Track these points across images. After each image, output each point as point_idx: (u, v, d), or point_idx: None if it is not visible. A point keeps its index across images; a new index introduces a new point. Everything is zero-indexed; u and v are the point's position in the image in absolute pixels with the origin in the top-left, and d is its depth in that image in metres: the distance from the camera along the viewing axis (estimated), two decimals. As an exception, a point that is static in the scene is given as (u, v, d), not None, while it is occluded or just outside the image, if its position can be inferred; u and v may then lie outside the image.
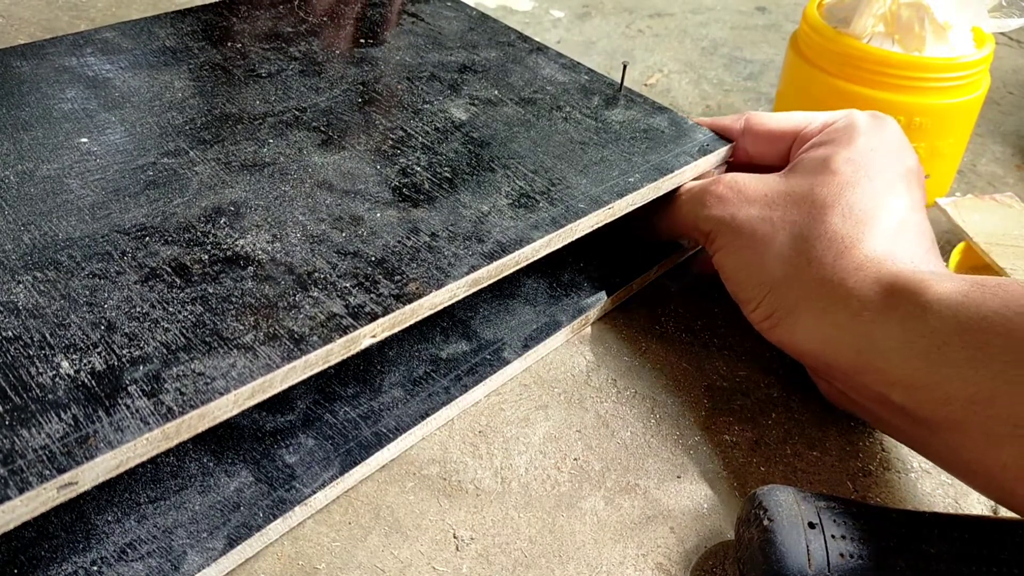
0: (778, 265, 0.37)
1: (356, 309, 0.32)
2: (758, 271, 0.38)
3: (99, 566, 0.30)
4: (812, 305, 0.36)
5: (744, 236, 0.39)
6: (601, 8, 0.83)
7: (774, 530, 0.31)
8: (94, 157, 0.38)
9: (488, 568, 0.33)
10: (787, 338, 0.37)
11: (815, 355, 0.36)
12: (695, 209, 0.41)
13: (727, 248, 0.40)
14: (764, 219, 0.38)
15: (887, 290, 0.34)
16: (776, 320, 0.38)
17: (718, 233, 0.40)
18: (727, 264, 0.40)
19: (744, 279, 0.39)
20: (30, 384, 0.27)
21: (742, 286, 0.39)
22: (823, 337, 0.36)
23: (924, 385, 0.32)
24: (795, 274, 0.37)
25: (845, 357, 0.35)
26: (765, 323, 0.38)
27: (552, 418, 0.40)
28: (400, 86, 0.47)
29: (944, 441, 0.32)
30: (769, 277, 0.38)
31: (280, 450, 0.35)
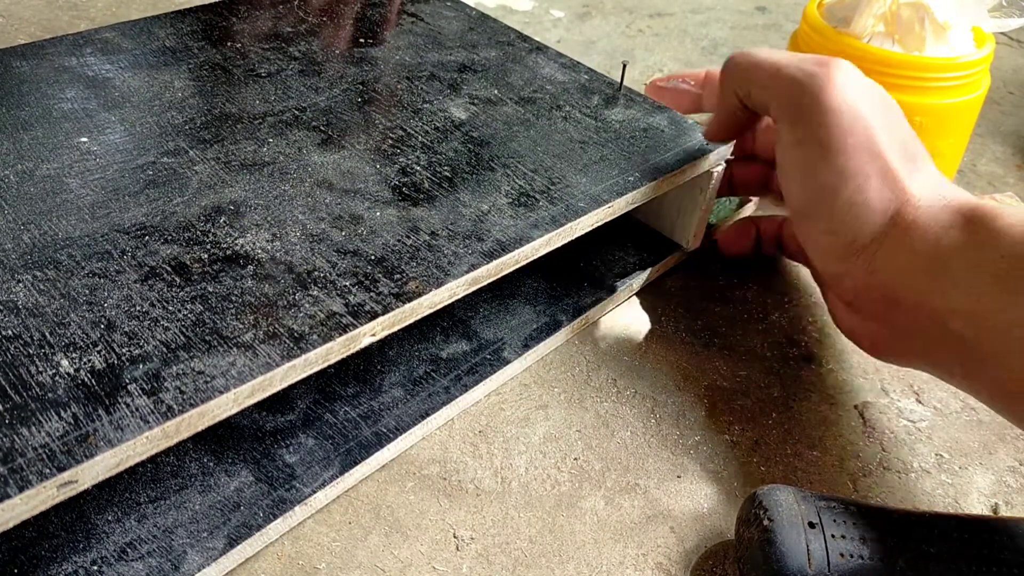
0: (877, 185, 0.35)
1: (356, 308, 0.32)
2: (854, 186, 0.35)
3: (99, 565, 0.30)
4: (895, 234, 0.35)
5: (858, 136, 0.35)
6: (601, 8, 0.83)
7: (774, 530, 0.31)
8: (94, 157, 0.38)
9: (488, 568, 0.33)
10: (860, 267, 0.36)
11: (883, 284, 0.35)
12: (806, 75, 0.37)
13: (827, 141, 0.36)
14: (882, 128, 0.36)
15: (965, 217, 0.34)
16: (855, 249, 0.36)
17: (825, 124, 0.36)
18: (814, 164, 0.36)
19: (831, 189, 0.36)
20: (30, 383, 0.27)
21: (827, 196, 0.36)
22: (898, 266, 0.35)
23: (989, 311, 0.32)
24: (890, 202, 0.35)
25: (916, 283, 0.34)
26: (840, 248, 0.36)
27: (552, 418, 0.39)
28: (400, 86, 0.47)
29: (994, 372, 0.33)
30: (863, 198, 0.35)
31: (280, 450, 0.35)
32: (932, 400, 0.42)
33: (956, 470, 0.39)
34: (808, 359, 0.44)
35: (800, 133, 0.37)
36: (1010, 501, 0.37)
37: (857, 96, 0.36)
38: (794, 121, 0.37)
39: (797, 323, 0.46)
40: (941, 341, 0.34)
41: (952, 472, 0.38)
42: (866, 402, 0.42)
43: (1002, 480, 0.38)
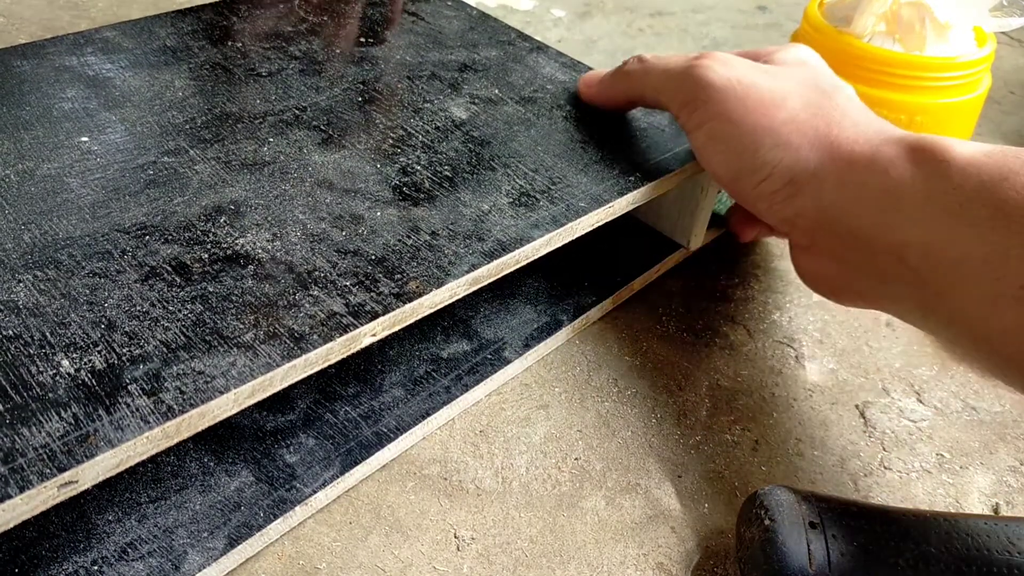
0: (794, 129, 0.36)
1: (356, 308, 0.32)
2: (771, 135, 0.36)
3: (100, 565, 0.30)
4: (836, 167, 0.35)
5: (751, 99, 0.37)
6: (602, 7, 0.83)
7: (775, 530, 0.31)
8: (94, 156, 0.38)
9: (489, 568, 0.33)
10: (808, 203, 0.36)
11: (835, 220, 0.35)
12: (682, 73, 0.39)
13: (727, 114, 0.37)
14: (773, 87, 0.37)
15: (912, 149, 0.33)
16: (797, 186, 0.36)
17: (715, 99, 0.38)
18: (728, 132, 0.37)
19: (751, 146, 0.37)
20: (30, 383, 0.27)
21: (748, 155, 0.37)
22: (847, 198, 0.35)
23: (942, 244, 0.32)
24: (815, 137, 0.36)
25: (868, 217, 0.34)
26: (781, 192, 0.37)
27: (553, 418, 0.39)
28: (400, 85, 0.47)
29: (949, 306, 0.32)
30: (784, 140, 0.36)
31: (281, 450, 0.35)
32: (933, 400, 0.42)
33: (957, 470, 0.39)
34: (809, 359, 0.44)
35: (699, 115, 0.39)
36: (1011, 501, 0.37)
37: (733, 68, 0.38)
38: (690, 107, 0.39)
39: (798, 323, 0.46)
40: (897, 276, 0.34)
41: (953, 472, 0.38)
42: (867, 402, 0.41)
43: (1003, 480, 0.38)
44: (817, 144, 0.36)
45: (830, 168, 0.35)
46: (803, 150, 0.36)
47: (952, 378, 0.43)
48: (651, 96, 0.42)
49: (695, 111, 0.39)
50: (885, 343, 0.45)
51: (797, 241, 0.38)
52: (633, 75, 0.43)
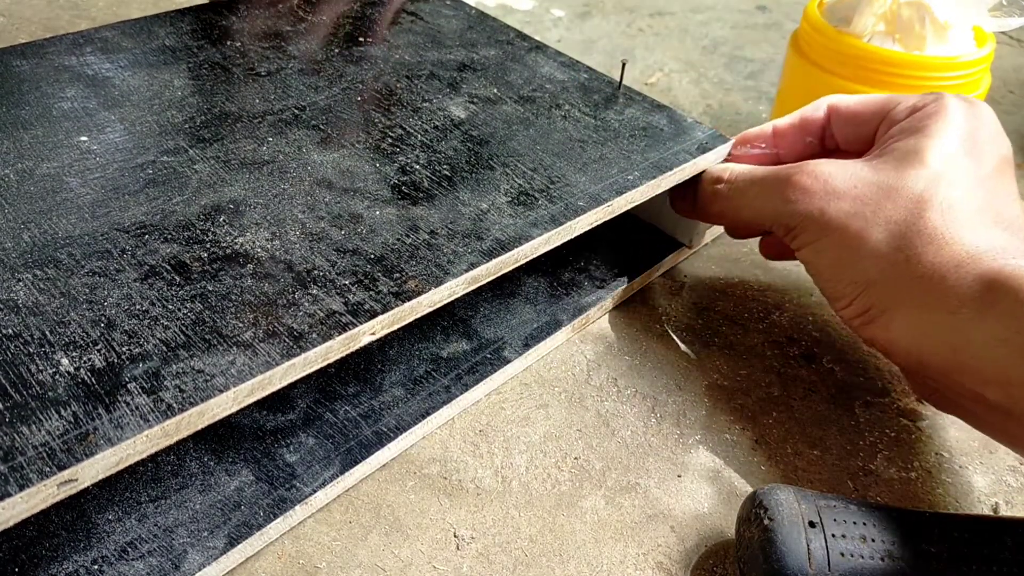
0: (873, 263, 0.36)
1: (355, 306, 0.32)
2: (851, 269, 0.37)
3: (100, 565, 0.30)
4: (909, 302, 0.35)
5: (834, 232, 0.37)
6: (601, 7, 0.83)
7: (775, 529, 0.31)
8: (94, 155, 0.38)
9: (489, 567, 0.33)
10: (881, 335, 0.36)
11: (909, 353, 0.35)
12: (776, 203, 0.39)
13: (815, 245, 0.38)
14: (856, 214, 0.37)
15: (987, 287, 0.33)
16: (870, 317, 0.36)
17: (803, 229, 0.38)
18: (815, 261, 0.39)
19: (835, 276, 0.38)
20: (30, 381, 0.27)
21: (832, 283, 0.38)
22: (919, 335, 0.35)
23: (1020, 381, 0.31)
24: (891, 271, 0.35)
25: (940, 355, 0.34)
26: (857, 320, 0.37)
27: (553, 417, 0.39)
28: (399, 84, 0.47)
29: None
30: (863, 275, 0.36)
31: (281, 449, 0.35)
32: (933, 399, 0.42)
33: (956, 469, 0.38)
34: (808, 358, 0.44)
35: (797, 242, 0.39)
36: (1010, 501, 0.37)
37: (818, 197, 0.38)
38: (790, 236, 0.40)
39: (797, 322, 0.46)
40: (978, 405, 0.34)
41: (952, 472, 0.38)
42: (866, 401, 0.41)
43: (1002, 480, 0.38)
44: (894, 279, 0.35)
45: (905, 301, 0.35)
46: (879, 284, 0.36)
47: (952, 377, 0.43)
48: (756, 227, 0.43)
49: (795, 238, 0.39)
50: (885, 342, 0.45)
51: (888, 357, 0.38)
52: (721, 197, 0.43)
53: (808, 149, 0.44)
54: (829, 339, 0.45)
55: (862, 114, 0.42)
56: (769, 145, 0.45)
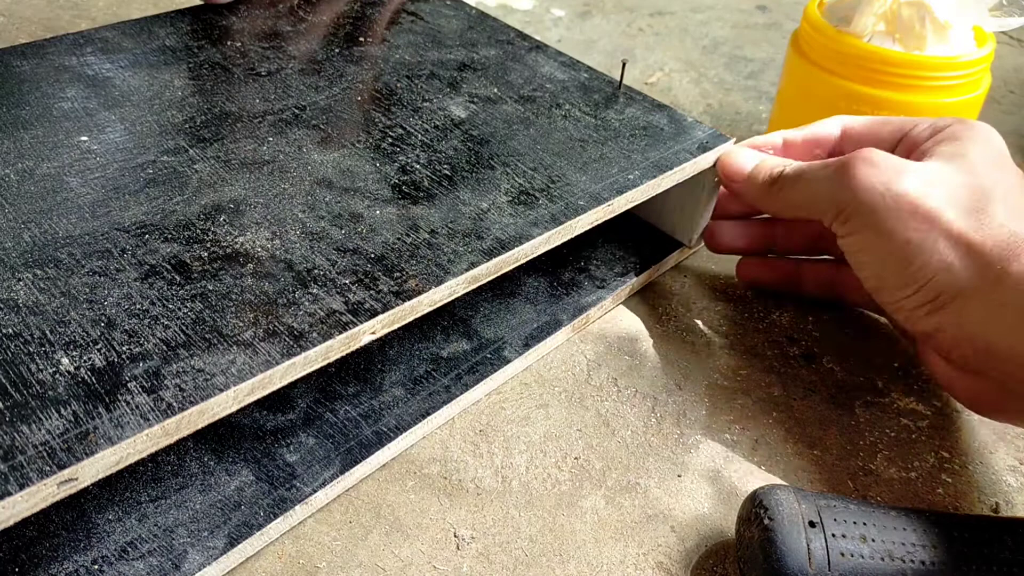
0: (946, 245, 0.35)
1: (356, 306, 0.32)
2: (922, 252, 0.35)
3: (100, 565, 0.30)
4: (984, 284, 0.34)
5: (903, 211, 0.35)
6: (602, 7, 0.83)
7: (775, 529, 0.31)
8: (94, 155, 0.38)
9: (489, 567, 0.33)
10: (951, 321, 0.35)
11: (977, 339, 0.35)
12: (832, 186, 0.38)
13: (877, 226, 0.36)
14: (928, 194, 0.35)
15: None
16: (940, 303, 0.35)
17: (864, 211, 0.36)
18: (878, 245, 0.36)
19: (902, 260, 0.36)
20: (30, 380, 0.27)
21: (898, 269, 0.36)
22: (990, 316, 0.34)
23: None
24: (967, 252, 0.34)
25: (1011, 336, 0.33)
26: (924, 308, 0.36)
27: (553, 417, 0.39)
28: (399, 84, 0.47)
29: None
30: (937, 258, 0.35)
31: (281, 449, 0.35)
32: (933, 399, 0.42)
33: (956, 469, 0.38)
34: (808, 358, 0.44)
35: (850, 226, 0.37)
36: (1010, 500, 0.37)
37: (883, 173, 0.36)
38: (841, 218, 0.38)
39: (797, 322, 0.46)
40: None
41: (952, 471, 0.38)
42: (867, 401, 0.41)
43: (1002, 479, 0.38)
44: (968, 260, 0.35)
45: (978, 285, 0.34)
46: (954, 267, 0.35)
47: (952, 377, 0.43)
48: (804, 212, 0.41)
49: (846, 222, 0.38)
50: (885, 343, 0.45)
51: (936, 349, 0.38)
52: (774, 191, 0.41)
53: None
54: (829, 339, 0.45)
55: (879, 134, 0.42)
56: (778, 153, 0.44)
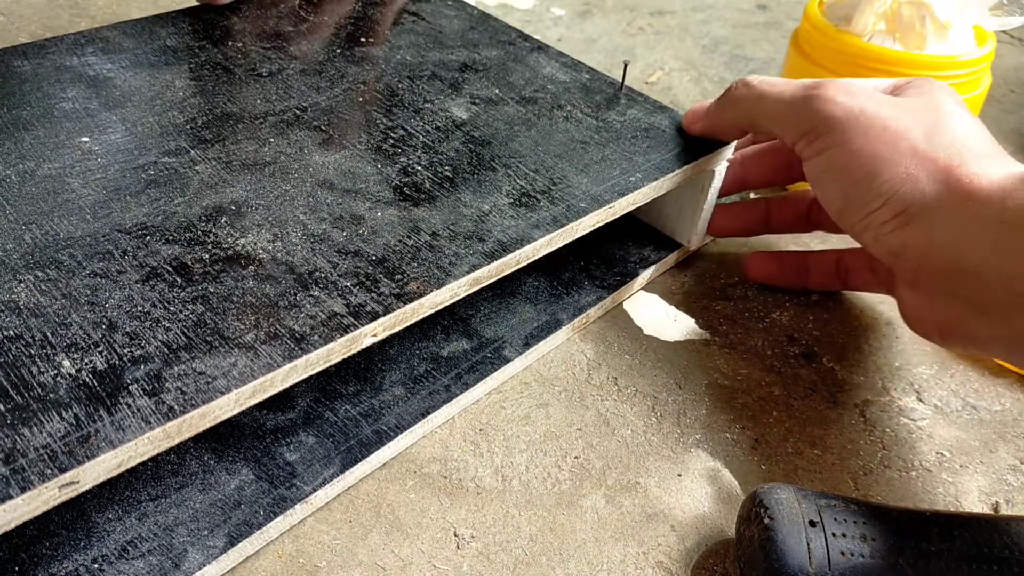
0: (914, 161, 0.36)
1: (357, 308, 0.32)
2: (890, 166, 0.36)
3: (100, 564, 0.30)
4: (953, 199, 0.35)
5: (874, 129, 0.37)
6: (602, 6, 0.83)
7: (775, 528, 0.31)
8: (95, 156, 0.38)
9: (489, 566, 0.33)
10: (919, 237, 0.35)
11: (947, 254, 0.35)
12: (799, 105, 0.39)
13: (848, 143, 0.37)
14: (896, 117, 0.37)
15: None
16: (908, 217, 0.36)
17: (831, 129, 0.37)
18: (846, 161, 0.37)
19: (869, 175, 0.36)
20: (31, 383, 0.27)
21: (864, 184, 0.37)
22: (960, 230, 0.34)
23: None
24: (935, 169, 0.35)
25: (980, 249, 0.34)
26: (891, 223, 0.36)
27: (553, 416, 0.40)
28: (401, 85, 0.47)
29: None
30: (905, 171, 0.36)
31: (281, 448, 0.35)
32: (933, 399, 0.42)
33: (957, 468, 0.39)
34: (809, 357, 0.44)
35: (819, 144, 0.38)
36: (1011, 499, 0.37)
37: (855, 98, 0.38)
38: (810, 136, 0.39)
39: (798, 321, 0.46)
40: (1011, 308, 0.33)
41: (953, 470, 0.38)
42: (867, 400, 0.42)
43: (1003, 478, 0.38)
44: (936, 176, 0.35)
45: (946, 200, 0.35)
46: (921, 181, 0.35)
47: (952, 377, 0.43)
48: (764, 124, 0.41)
49: (815, 140, 0.38)
50: (885, 342, 0.45)
51: (903, 273, 0.38)
52: (742, 101, 0.42)
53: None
54: (829, 339, 0.45)
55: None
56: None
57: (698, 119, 0.44)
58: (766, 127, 0.41)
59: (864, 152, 0.37)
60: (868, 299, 0.48)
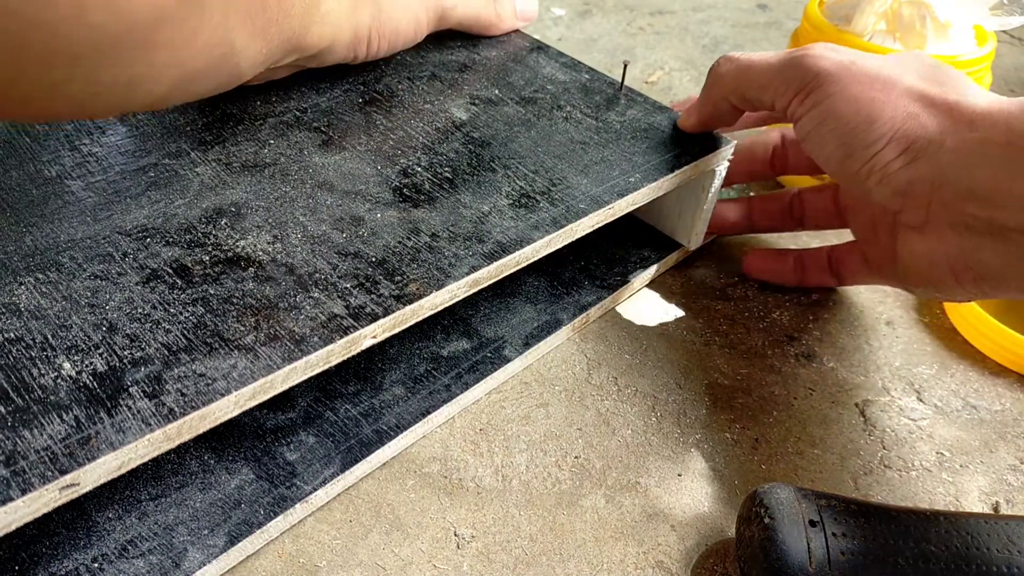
0: (912, 98, 0.36)
1: (357, 310, 0.32)
2: (889, 107, 0.36)
3: (100, 563, 0.31)
4: (956, 128, 0.35)
5: (866, 76, 0.37)
6: (602, 5, 0.83)
7: (775, 528, 0.31)
8: (96, 158, 0.38)
9: (489, 566, 0.33)
10: (927, 170, 0.35)
11: (955, 181, 0.35)
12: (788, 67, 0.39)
13: (843, 92, 0.37)
14: (887, 65, 0.37)
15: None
16: (914, 152, 0.36)
17: (830, 81, 0.37)
18: (843, 109, 0.37)
19: (867, 118, 0.36)
20: (32, 385, 0.27)
21: (864, 128, 0.36)
22: (968, 156, 0.34)
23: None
24: (932, 103, 0.36)
25: (990, 173, 0.34)
26: (896, 161, 0.36)
27: (553, 416, 0.40)
28: (400, 86, 0.47)
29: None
30: (902, 109, 0.36)
31: (281, 447, 0.35)
32: (933, 398, 0.42)
33: (957, 468, 0.39)
34: (809, 357, 0.44)
35: (813, 99, 0.38)
36: (1011, 499, 0.37)
37: (843, 54, 0.38)
38: (803, 94, 0.38)
39: (798, 321, 0.46)
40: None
41: (953, 470, 0.38)
42: (867, 400, 0.42)
43: (1003, 478, 0.38)
44: (935, 109, 0.36)
45: (950, 130, 0.35)
46: (921, 116, 0.36)
47: (952, 377, 0.43)
48: (754, 94, 0.41)
49: (808, 96, 0.38)
50: (885, 341, 0.45)
51: (909, 220, 0.37)
52: (728, 75, 0.42)
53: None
54: (829, 338, 0.45)
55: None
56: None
57: (691, 114, 0.45)
58: (755, 96, 0.41)
59: (861, 97, 0.37)
60: (868, 299, 0.48)
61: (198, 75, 0.32)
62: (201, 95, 0.34)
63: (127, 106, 0.31)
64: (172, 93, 0.32)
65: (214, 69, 0.33)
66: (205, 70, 0.32)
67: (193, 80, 0.32)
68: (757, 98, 0.41)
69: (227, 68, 0.33)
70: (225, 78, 0.34)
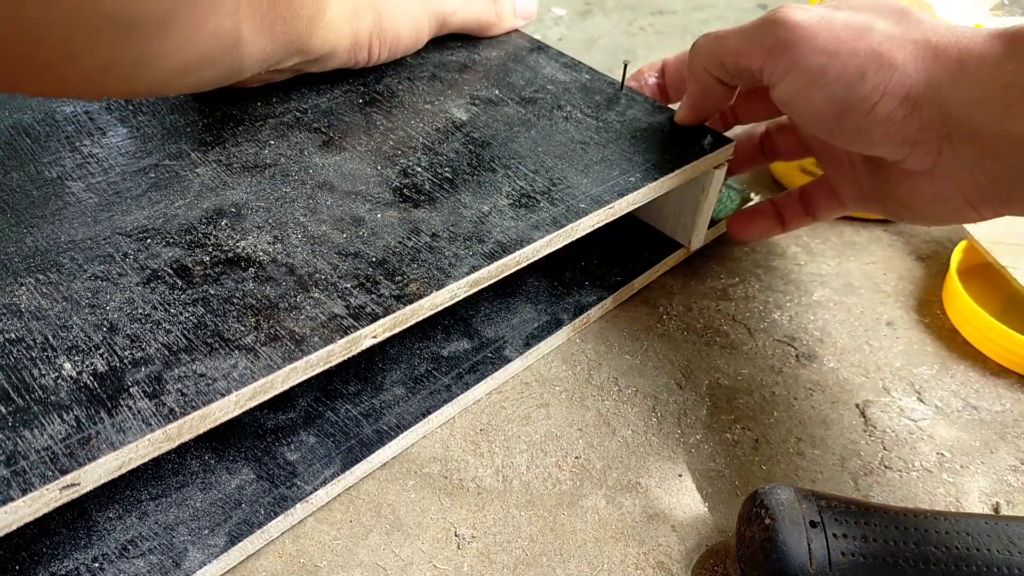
0: (893, 46, 0.35)
1: (357, 310, 0.32)
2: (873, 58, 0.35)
3: (101, 563, 0.31)
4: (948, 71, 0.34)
5: (839, 27, 0.36)
6: (603, 5, 0.83)
7: (776, 529, 0.31)
8: (96, 160, 0.38)
9: (489, 566, 0.33)
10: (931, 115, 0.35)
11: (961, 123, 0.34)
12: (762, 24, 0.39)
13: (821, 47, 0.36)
14: (854, 15, 0.37)
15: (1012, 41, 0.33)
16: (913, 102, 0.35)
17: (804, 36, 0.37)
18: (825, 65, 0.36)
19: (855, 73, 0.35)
20: (33, 386, 0.27)
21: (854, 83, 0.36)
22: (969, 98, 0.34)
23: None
24: (915, 49, 0.35)
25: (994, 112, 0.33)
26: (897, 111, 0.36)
27: (553, 416, 0.40)
28: (400, 86, 0.47)
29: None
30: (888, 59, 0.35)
31: (281, 447, 0.35)
32: (933, 399, 0.42)
33: (957, 469, 0.39)
34: (809, 357, 0.44)
35: (789, 57, 0.37)
36: (1011, 500, 0.37)
37: (810, 9, 0.38)
38: (778, 51, 0.38)
39: (798, 322, 0.46)
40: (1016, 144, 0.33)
41: (953, 471, 0.38)
42: (867, 400, 0.42)
43: (1003, 479, 0.38)
44: (920, 55, 0.35)
45: (942, 74, 0.34)
46: (908, 65, 0.35)
47: (952, 377, 0.43)
48: (731, 60, 0.40)
49: (784, 53, 0.37)
50: (885, 342, 0.45)
51: (914, 166, 0.37)
52: (704, 48, 0.42)
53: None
54: (830, 338, 0.45)
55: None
56: (660, 77, 0.49)
57: (683, 104, 0.45)
58: (732, 62, 0.40)
59: (842, 51, 0.36)
60: (868, 299, 0.48)
61: (203, 62, 0.33)
62: (200, 86, 0.35)
63: (134, 86, 0.32)
64: (175, 78, 0.33)
65: (219, 58, 0.33)
66: (210, 57, 0.33)
67: (197, 67, 0.33)
68: (733, 64, 0.40)
69: (230, 60, 0.34)
70: (227, 70, 0.35)
